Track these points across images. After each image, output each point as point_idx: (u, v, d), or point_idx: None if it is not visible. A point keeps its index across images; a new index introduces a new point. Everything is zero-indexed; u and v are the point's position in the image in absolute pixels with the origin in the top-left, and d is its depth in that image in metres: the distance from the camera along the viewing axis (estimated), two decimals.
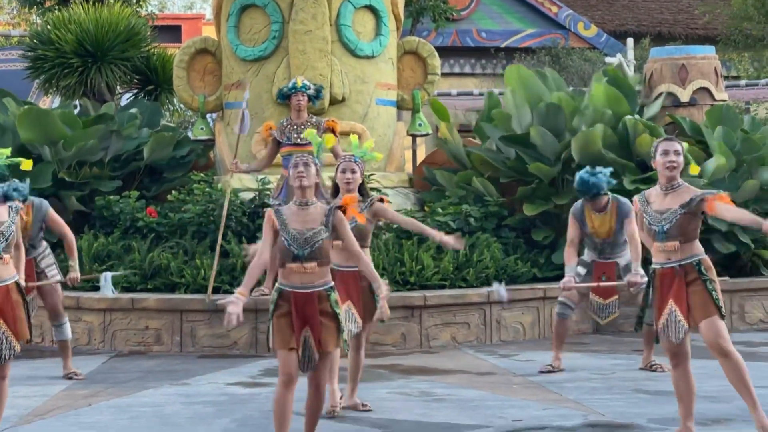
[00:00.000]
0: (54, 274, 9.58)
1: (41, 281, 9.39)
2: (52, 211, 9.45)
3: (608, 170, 9.24)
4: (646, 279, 8.51)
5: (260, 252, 6.38)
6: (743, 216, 6.64)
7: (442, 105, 13.73)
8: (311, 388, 6.37)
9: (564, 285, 9.15)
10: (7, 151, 7.29)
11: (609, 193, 9.23)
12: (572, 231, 9.29)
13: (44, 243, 9.62)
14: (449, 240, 7.94)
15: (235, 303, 6.10)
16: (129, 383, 9.21)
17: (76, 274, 9.36)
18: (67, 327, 9.59)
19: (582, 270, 9.40)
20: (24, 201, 9.05)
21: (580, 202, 9.34)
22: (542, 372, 9.43)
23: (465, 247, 11.51)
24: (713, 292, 6.54)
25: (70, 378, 9.39)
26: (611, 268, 9.33)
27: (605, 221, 9.21)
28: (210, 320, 10.77)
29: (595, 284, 9.28)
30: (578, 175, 9.23)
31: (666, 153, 6.63)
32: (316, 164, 6.42)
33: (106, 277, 9.25)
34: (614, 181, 9.35)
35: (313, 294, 6.28)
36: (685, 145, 7.32)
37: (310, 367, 6.25)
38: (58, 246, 10.14)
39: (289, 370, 6.23)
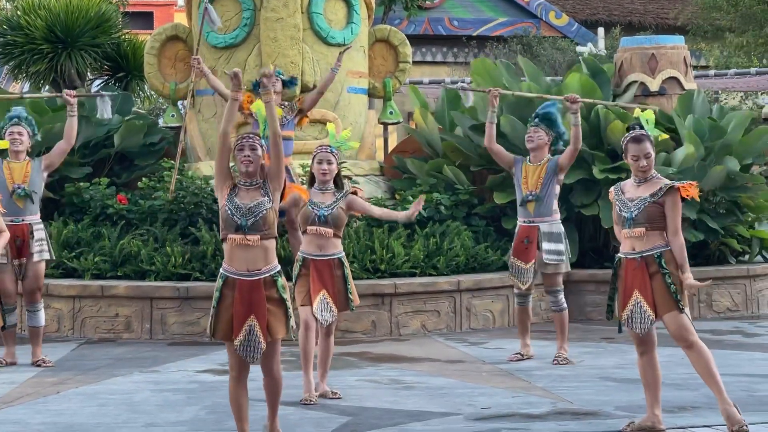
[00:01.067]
0: (44, 249, 9.53)
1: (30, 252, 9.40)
2: (47, 156, 9.67)
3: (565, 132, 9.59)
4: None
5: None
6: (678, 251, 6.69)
7: (419, 92, 13.76)
8: (265, 374, 6.31)
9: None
10: None
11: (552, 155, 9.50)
12: (508, 155, 9.81)
13: (39, 218, 9.60)
14: (414, 211, 8.06)
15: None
16: (98, 371, 9.17)
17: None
18: (42, 314, 9.56)
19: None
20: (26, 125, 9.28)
21: (522, 157, 9.68)
22: (512, 360, 9.46)
23: (436, 236, 11.58)
24: (671, 286, 6.59)
25: (39, 365, 9.35)
26: (534, 232, 9.36)
27: (536, 171, 9.33)
28: (180, 307, 10.77)
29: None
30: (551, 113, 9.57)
31: (636, 159, 6.69)
32: (262, 146, 6.37)
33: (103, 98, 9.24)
34: (562, 140, 9.57)
35: (259, 281, 6.16)
36: (650, 114, 7.35)
37: (257, 357, 6.12)
38: None
39: (237, 365, 6.21)
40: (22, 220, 9.37)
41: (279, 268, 6.26)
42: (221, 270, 6.22)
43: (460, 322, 11.24)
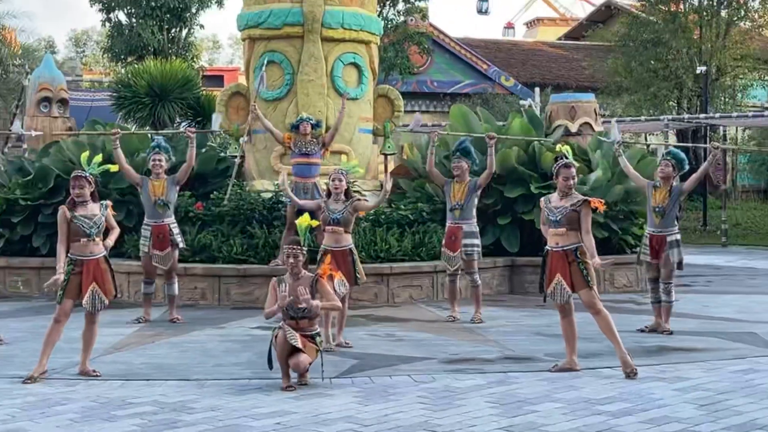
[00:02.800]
0: (179, 240, 9.65)
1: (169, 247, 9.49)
2: (176, 175, 9.58)
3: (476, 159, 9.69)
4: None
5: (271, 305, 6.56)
6: (589, 244, 6.71)
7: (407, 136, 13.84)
8: (297, 373, 6.42)
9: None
10: (99, 158, 7.21)
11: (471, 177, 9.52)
12: (442, 177, 9.76)
13: (173, 217, 9.65)
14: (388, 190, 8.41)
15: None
16: (182, 327, 9.20)
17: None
18: (176, 285, 9.65)
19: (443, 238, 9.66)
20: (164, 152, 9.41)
21: (451, 179, 9.59)
22: (447, 321, 9.46)
23: (420, 233, 11.54)
24: (584, 271, 6.64)
25: (174, 322, 9.39)
26: (459, 231, 9.42)
27: (461, 188, 9.39)
28: (240, 283, 10.76)
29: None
30: (467, 146, 9.58)
31: (567, 179, 6.77)
32: (304, 254, 6.61)
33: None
34: (476, 165, 9.67)
35: (305, 336, 6.38)
36: (568, 147, 7.39)
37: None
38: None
39: (283, 352, 6.34)
40: (163, 222, 9.48)
41: (319, 330, 6.56)
42: (280, 324, 6.44)
43: (437, 294, 11.20)
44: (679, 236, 8.83)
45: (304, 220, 7.00)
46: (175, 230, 9.59)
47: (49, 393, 6.22)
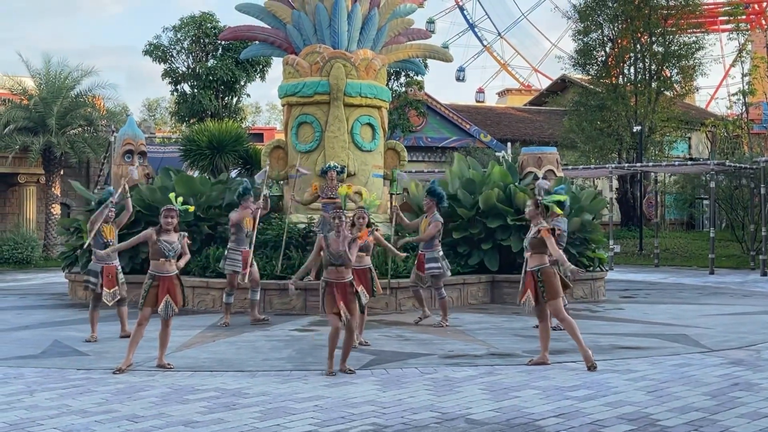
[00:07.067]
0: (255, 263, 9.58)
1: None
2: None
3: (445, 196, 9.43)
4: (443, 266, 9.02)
5: (309, 260, 6.45)
6: (554, 252, 6.59)
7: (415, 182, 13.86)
8: (346, 333, 6.37)
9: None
10: (180, 199, 7.24)
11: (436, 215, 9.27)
12: (414, 223, 9.49)
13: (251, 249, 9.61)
14: (400, 256, 8.25)
15: (292, 283, 6.44)
16: (235, 329, 9.14)
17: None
18: (258, 292, 9.61)
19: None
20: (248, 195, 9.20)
21: (421, 217, 9.38)
22: (416, 322, 9.33)
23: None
24: (542, 289, 6.62)
25: (259, 321, 9.30)
26: (422, 257, 9.30)
27: (425, 223, 9.25)
28: (280, 294, 10.68)
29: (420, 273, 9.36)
30: (434, 188, 9.30)
31: (528, 206, 6.76)
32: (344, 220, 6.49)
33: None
34: (443, 202, 9.36)
35: (345, 284, 6.28)
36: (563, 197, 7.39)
37: (345, 325, 6.27)
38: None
39: (336, 325, 6.25)
40: (245, 249, 9.49)
41: (352, 277, 6.42)
42: (323, 278, 6.34)
43: (434, 303, 11.05)
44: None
45: (343, 190, 7.19)
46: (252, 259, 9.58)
47: (134, 381, 6.18)
